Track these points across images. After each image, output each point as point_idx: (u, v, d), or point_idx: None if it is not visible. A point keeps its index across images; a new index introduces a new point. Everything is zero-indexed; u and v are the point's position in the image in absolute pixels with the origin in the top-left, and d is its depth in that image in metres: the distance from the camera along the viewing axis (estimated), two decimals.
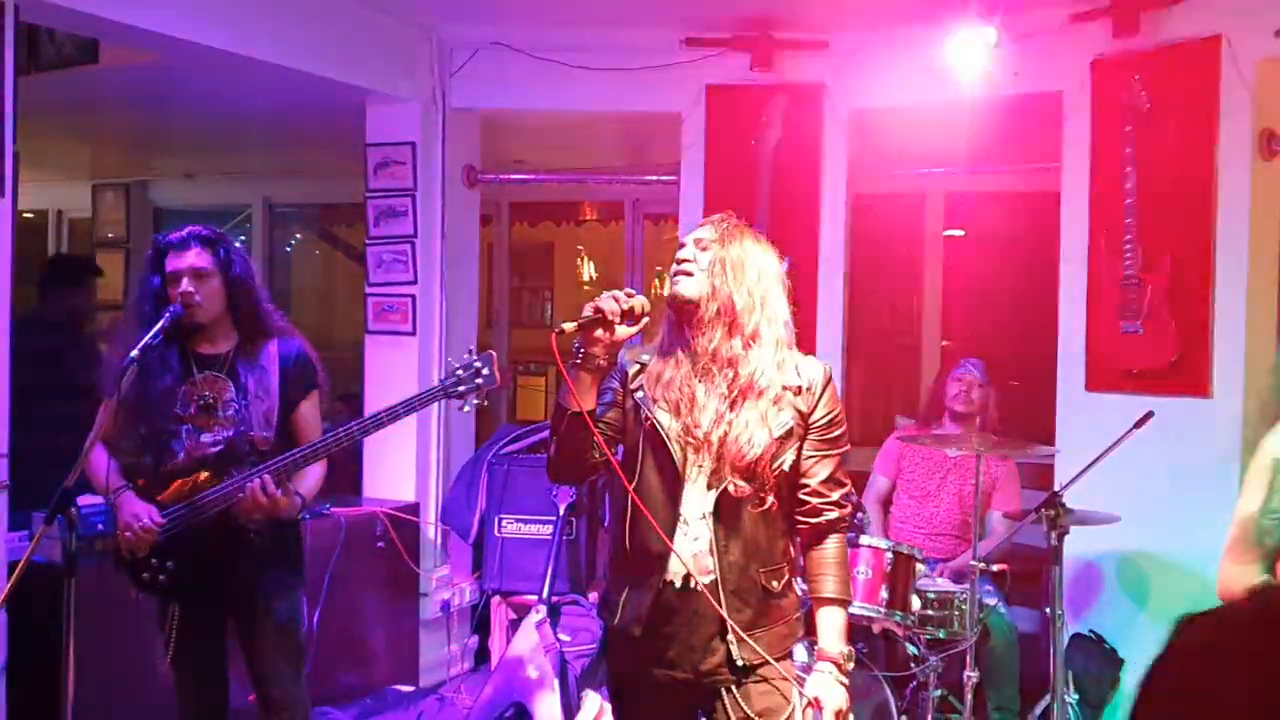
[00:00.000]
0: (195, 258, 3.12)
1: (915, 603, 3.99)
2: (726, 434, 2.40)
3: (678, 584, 2.43)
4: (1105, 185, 4.55)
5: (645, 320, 2.43)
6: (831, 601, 2.49)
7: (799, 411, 2.45)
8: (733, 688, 2.46)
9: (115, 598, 3.66)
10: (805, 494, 2.48)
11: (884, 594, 3.93)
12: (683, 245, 2.51)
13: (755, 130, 5.01)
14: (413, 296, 5.20)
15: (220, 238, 3.22)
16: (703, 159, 5.17)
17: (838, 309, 5.11)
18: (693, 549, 2.42)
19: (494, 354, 3.03)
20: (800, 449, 2.46)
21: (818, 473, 2.47)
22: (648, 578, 2.44)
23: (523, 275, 8.81)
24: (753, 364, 2.43)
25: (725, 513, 2.42)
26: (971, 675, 3.96)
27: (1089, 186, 4.63)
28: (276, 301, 3.47)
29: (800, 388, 2.45)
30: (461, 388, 2.97)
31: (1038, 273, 6.91)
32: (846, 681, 2.44)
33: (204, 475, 3.09)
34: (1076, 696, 4.10)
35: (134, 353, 2.92)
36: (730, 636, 2.41)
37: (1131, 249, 4.41)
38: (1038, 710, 4.12)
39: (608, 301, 2.38)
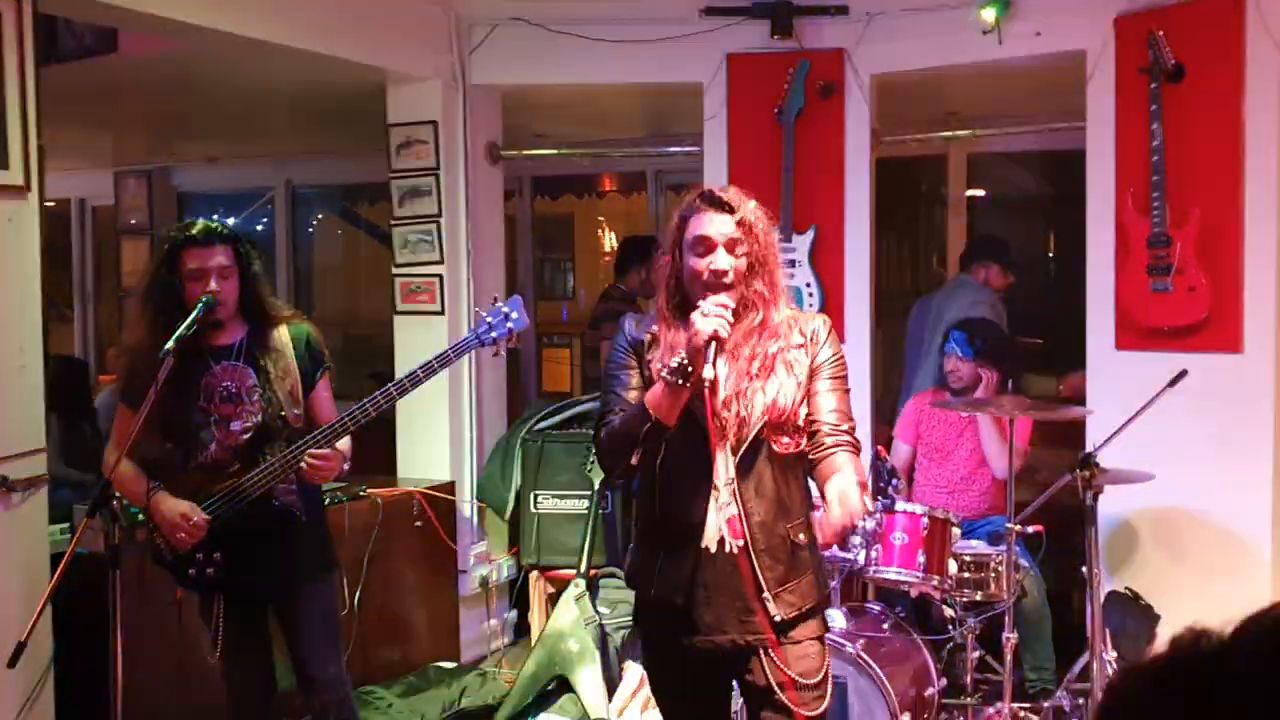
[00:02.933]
0: (222, 255, 3.17)
1: (952, 566, 4.01)
2: (750, 398, 2.47)
3: (713, 549, 2.48)
4: (1131, 143, 4.52)
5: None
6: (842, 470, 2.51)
7: (807, 364, 2.54)
8: (770, 649, 2.50)
9: (158, 588, 3.74)
10: (814, 429, 2.55)
11: (921, 559, 3.94)
12: (710, 246, 2.48)
13: (777, 98, 5.00)
14: (440, 276, 5.22)
15: (238, 235, 3.29)
16: (725, 128, 5.16)
17: (865, 274, 5.10)
18: (725, 514, 2.48)
19: (520, 297, 3.13)
20: (808, 392, 2.55)
21: (824, 405, 2.54)
22: (684, 546, 2.49)
23: (544, 248, 8.81)
24: (769, 331, 2.52)
25: (748, 474, 2.48)
26: (1010, 636, 3.99)
27: (1114, 145, 4.60)
28: (300, 283, 3.52)
29: (805, 342, 2.55)
30: (494, 334, 3.06)
31: (1063, 232, 6.93)
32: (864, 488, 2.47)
33: (235, 468, 3.15)
34: (1114, 654, 4.12)
35: (169, 344, 2.96)
36: (767, 594, 2.47)
37: (1159, 207, 4.39)
38: (1076, 668, 4.15)
39: (717, 323, 2.37)
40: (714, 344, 2.36)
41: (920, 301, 6.03)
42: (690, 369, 2.37)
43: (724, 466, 2.48)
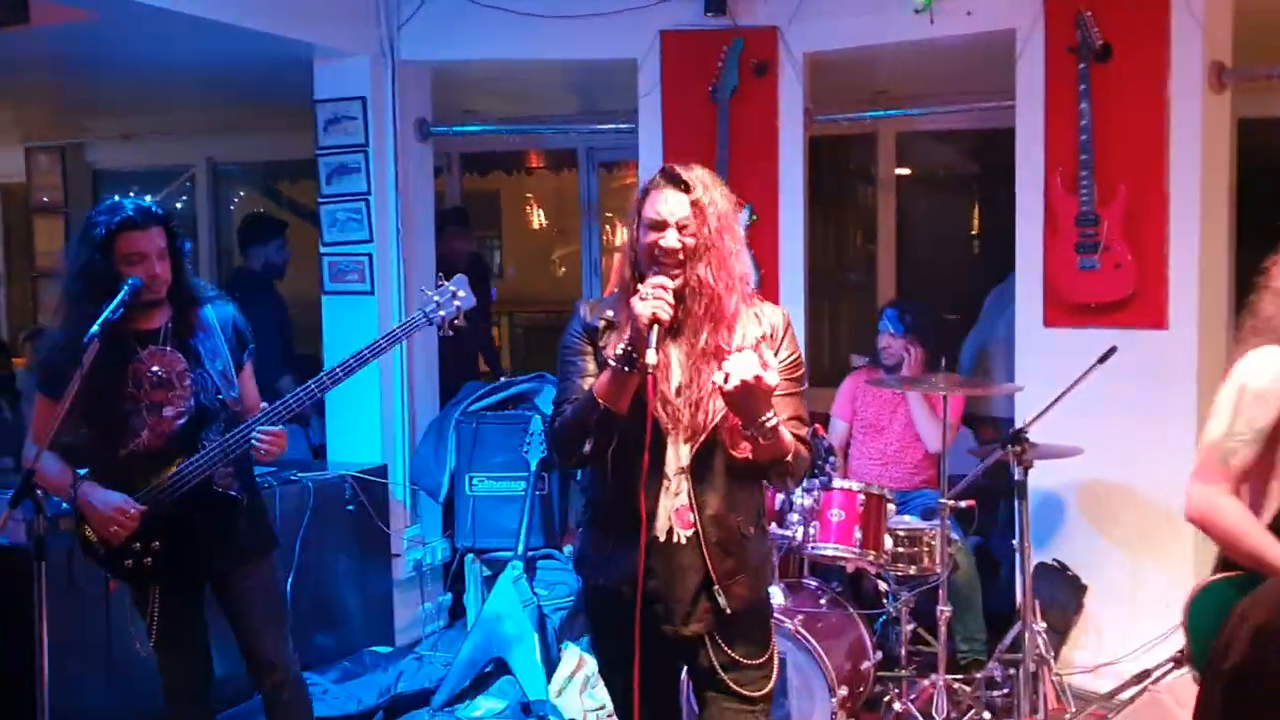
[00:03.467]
0: (157, 237, 3.07)
1: (887, 542, 4.06)
2: (706, 388, 2.42)
3: (661, 538, 2.45)
4: (1060, 122, 4.58)
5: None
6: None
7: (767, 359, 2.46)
8: (718, 635, 2.50)
9: (86, 580, 3.64)
10: None
11: (857, 534, 3.99)
12: (661, 224, 2.43)
13: (711, 76, 4.98)
14: (370, 255, 5.14)
15: (169, 214, 3.18)
16: (659, 105, 5.13)
17: (799, 253, 5.12)
18: (674, 504, 2.46)
19: (465, 277, 3.12)
20: None
21: (782, 411, 2.46)
22: (633, 535, 2.44)
23: (472, 225, 8.72)
24: (725, 320, 2.46)
25: (702, 466, 2.45)
26: (944, 609, 4.05)
27: (1044, 124, 4.66)
28: (223, 263, 3.44)
29: (765, 335, 2.49)
30: (441, 313, 3.07)
31: (991, 211, 7.02)
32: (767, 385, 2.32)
33: (174, 455, 3.07)
34: (1043, 624, 4.19)
35: (94, 330, 2.85)
36: (717, 587, 2.45)
37: (1087, 185, 4.46)
38: (1007, 639, 4.22)
39: (655, 305, 2.33)
40: (655, 327, 2.32)
41: (995, 290, 6.02)
42: (634, 354, 2.34)
43: (675, 456, 2.45)
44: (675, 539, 2.45)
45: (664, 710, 2.69)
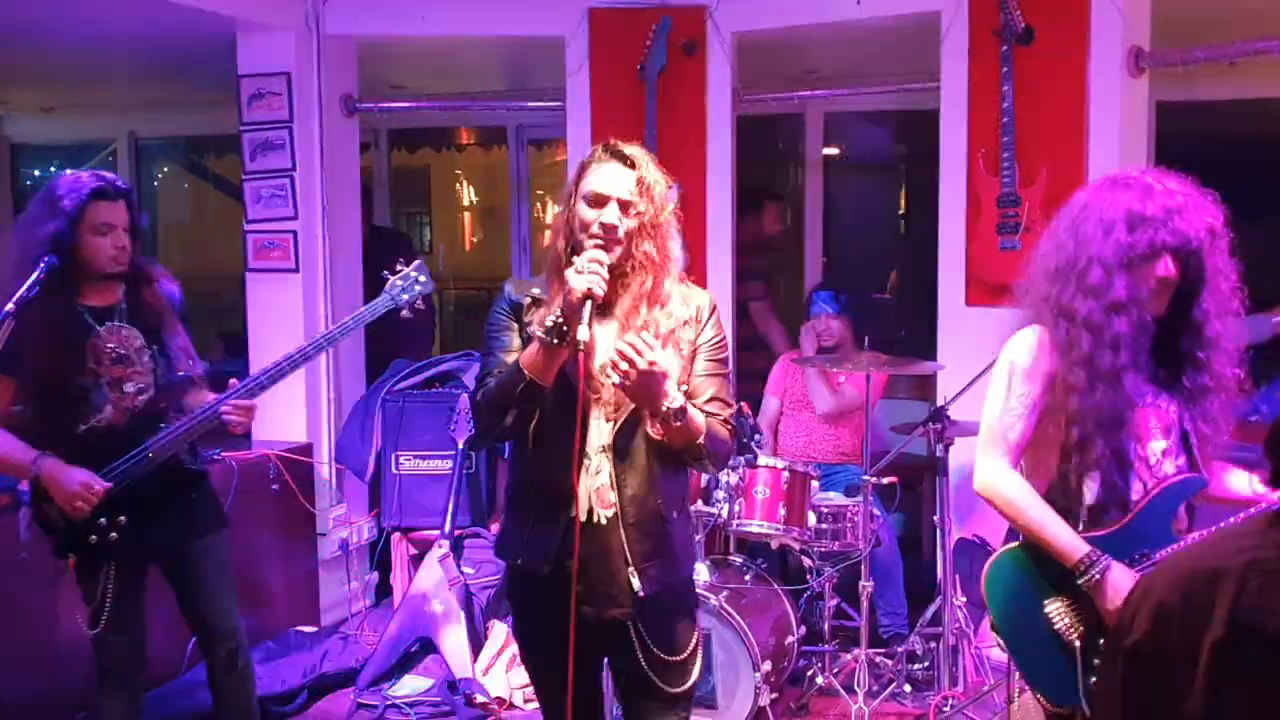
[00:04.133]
0: (123, 211, 3.10)
1: (811, 518, 4.11)
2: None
3: (583, 519, 2.40)
4: (983, 104, 4.64)
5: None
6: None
7: (690, 340, 2.48)
8: (638, 623, 2.46)
9: (2, 555, 3.58)
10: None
11: (782, 511, 4.04)
12: (603, 200, 2.39)
13: (639, 54, 4.98)
14: (294, 232, 5.07)
15: (130, 189, 3.21)
16: (588, 84, 5.12)
17: (727, 234, 5.15)
18: (594, 483, 2.42)
19: (422, 261, 3.23)
20: (689, 370, 2.48)
21: (704, 392, 2.47)
22: (553, 515, 2.42)
23: (400, 202, 8.63)
24: (659, 300, 2.44)
25: (622, 446, 2.42)
26: (866, 585, 4.11)
27: (967, 106, 4.72)
28: (146, 238, 3.42)
29: (690, 318, 2.48)
30: (404, 295, 3.16)
31: (917, 191, 7.11)
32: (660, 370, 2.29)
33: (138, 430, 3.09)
34: (963, 599, 4.28)
35: (10, 306, 2.85)
36: (632, 569, 2.42)
37: (1009, 167, 4.53)
38: (928, 613, 4.30)
39: (591, 280, 2.30)
40: (589, 302, 2.29)
41: None
42: (565, 328, 2.31)
43: (597, 434, 2.42)
44: (596, 519, 2.42)
45: (585, 695, 2.61)
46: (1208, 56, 4.52)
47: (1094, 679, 2.40)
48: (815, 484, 4.14)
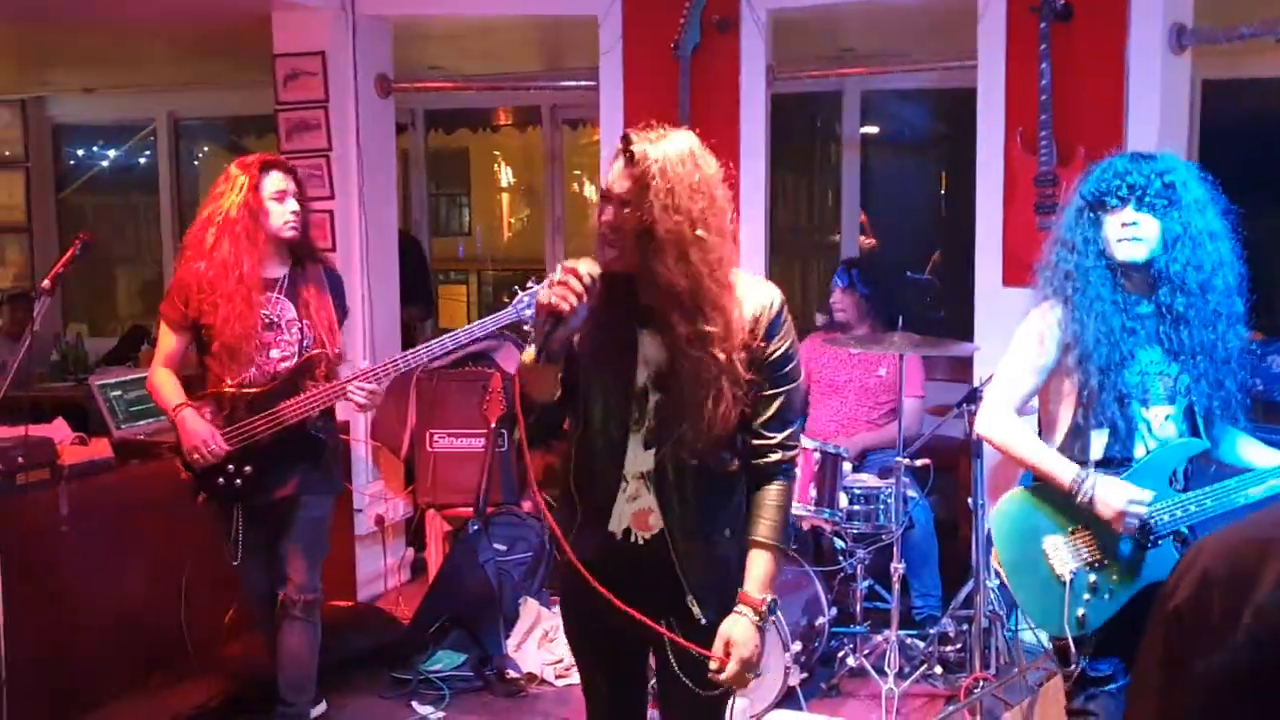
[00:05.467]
0: (295, 182, 3.48)
1: (843, 499, 4.10)
2: (672, 390, 2.18)
3: (619, 536, 2.27)
4: (1020, 82, 4.59)
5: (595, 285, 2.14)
6: (762, 545, 2.27)
7: (748, 350, 2.18)
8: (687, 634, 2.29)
9: (43, 533, 3.65)
10: (749, 434, 2.26)
11: (813, 492, 4.03)
12: (604, 196, 2.17)
13: (673, 32, 4.95)
14: (330, 212, 5.10)
15: (294, 166, 3.58)
16: (621, 62, 5.10)
17: (761, 213, 5.11)
18: (631, 508, 2.26)
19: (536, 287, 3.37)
20: (749, 382, 2.20)
21: (762, 412, 2.24)
22: (592, 527, 2.29)
23: (438, 183, 8.67)
24: (702, 302, 2.13)
25: (664, 472, 2.22)
26: (898, 566, 4.10)
27: (1004, 84, 4.67)
28: (185, 219, 3.60)
29: (751, 319, 2.19)
30: (528, 311, 3.33)
31: (956, 171, 7.03)
32: (763, 629, 2.24)
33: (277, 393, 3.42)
34: (997, 581, 4.25)
35: (45, 283, 3.19)
36: (690, 597, 2.24)
37: (1047, 145, 4.48)
38: (961, 595, 4.28)
39: (560, 293, 2.09)
40: (553, 320, 2.10)
41: None
42: (545, 347, 2.13)
43: (634, 457, 2.23)
44: (634, 540, 2.26)
45: (628, 679, 2.49)
46: (1253, 33, 4.44)
47: (1080, 611, 2.74)
48: (847, 466, 4.13)
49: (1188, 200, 2.78)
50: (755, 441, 2.26)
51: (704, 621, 2.25)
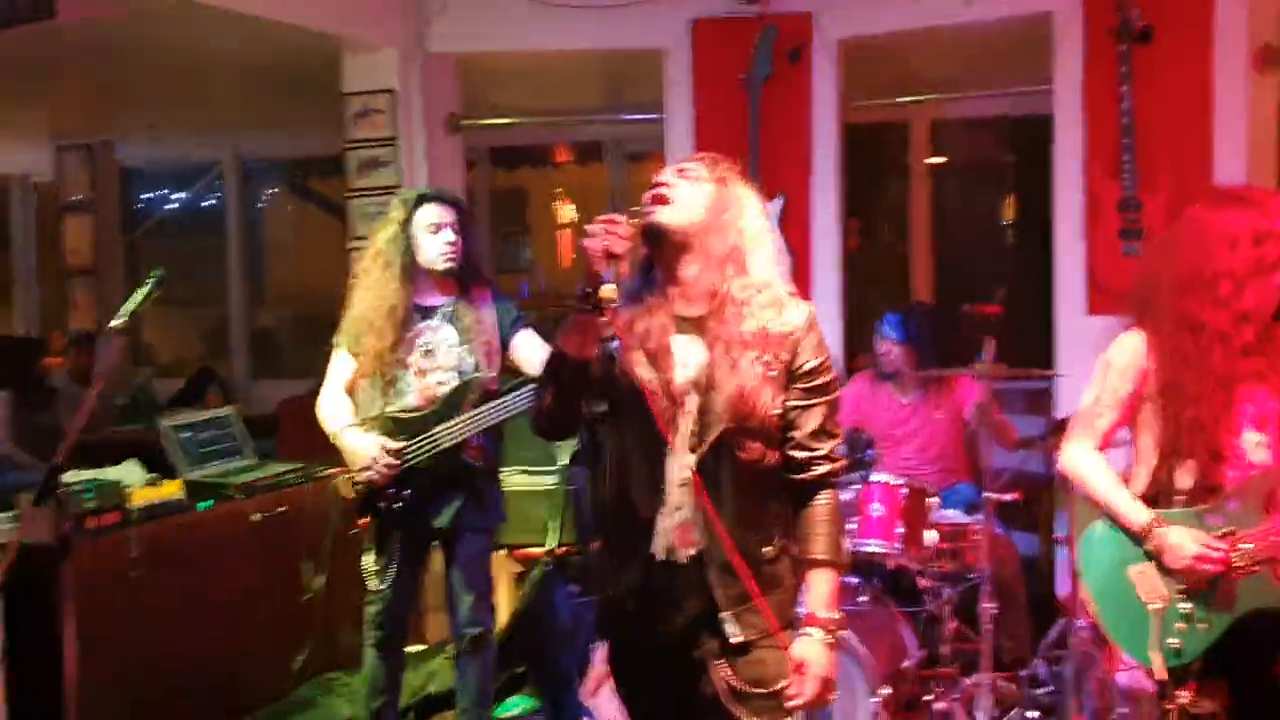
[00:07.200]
0: (449, 213, 3.48)
1: (929, 537, 3.97)
2: (713, 388, 2.19)
3: (660, 556, 2.22)
4: (1100, 106, 4.50)
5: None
6: (821, 563, 2.26)
7: (783, 360, 2.23)
8: (721, 659, 2.26)
9: (113, 576, 3.61)
10: (791, 448, 2.26)
11: (899, 530, 3.91)
12: (660, 174, 2.28)
13: (743, 64, 4.91)
14: None
15: (460, 200, 3.65)
16: (689, 95, 5.07)
17: (834, 243, 5.04)
18: (675, 519, 2.21)
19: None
20: (785, 400, 2.25)
21: (805, 424, 2.25)
22: (633, 551, 2.25)
23: (500, 221, 8.68)
24: (739, 306, 2.22)
25: (707, 478, 2.20)
26: (989, 607, 3.95)
27: (1082, 108, 4.58)
28: (252, 260, 3.59)
29: (784, 334, 2.24)
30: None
31: (1027, 198, 6.91)
32: (834, 646, 2.24)
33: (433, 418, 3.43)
34: (1089, 620, 4.10)
35: (116, 322, 2.94)
36: (724, 614, 2.20)
37: (1129, 170, 4.38)
38: (1051, 635, 4.13)
39: (608, 237, 2.12)
40: (613, 261, 2.12)
41: None
42: (592, 293, 2.14)
43: (676, 468, 2.21)
44: (675, 559, 2.21)
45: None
46: None
47: (1175, 641, 2.62)
48: (933, 501, 4.00)
49: None
50: (800, 454, 2.27)
51: (735, 641, 2.23)
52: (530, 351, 3.54)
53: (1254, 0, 4.24)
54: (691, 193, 2.25)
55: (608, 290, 2.12)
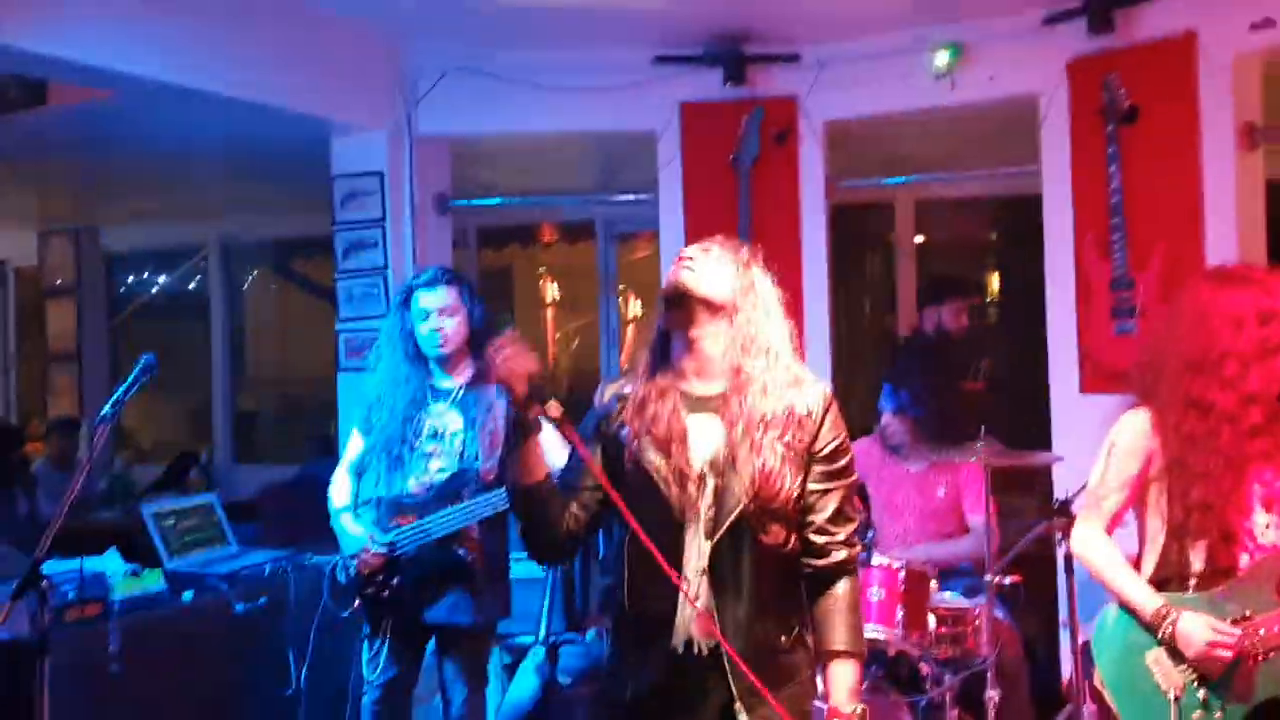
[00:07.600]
0: (447, 295, 3.46)
1: (930, 621, 3.89)
2: (733, 469, 2.16)
3: (681, 650, 2.17)
4: (1088, 186, 4.52)
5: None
6: (842, 655, 2.22)
7: (803, 441, 2.21)
8: None
9: (92, 670, 3.50)
10: (811, 532, 2.23)
11: (899, 614, 3.82)
12: (685, 250, 2.30)
13: (731, 145, 4.93)
14: None
15: (462, 277, 3.61)
16: (679, 176, 5.09)
17: (824, 321, 5.03)
18: (692, 612, 2.16)
19: None
20: (804, 482, 2.21)
21: (823, 508, 2.21)
22: (651, 645, 2.19)
23: (486, 299, 8.65)
24: (758, 387, 2.19)
25: (723, 565, 2.16)
26: (993, 694, 3.85)
27: (1071, 188, 4.60)
28: (234, 341, 3.60)
29: (801, 416, 2.21)
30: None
31: (1011, 277, 6.93)
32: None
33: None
34: (1094, 706, 4.00)
35: (106, 411, 2.89)
36: (738, 704, 2.15)
37: (1120, 249, 4.38)
38: None
39: (519, 358, 2.14)
40: (530, 377, 2.12)
41: None
42: (539, 415, 2.14)
43: (695, 553, 2.15)
44: (696, 650, 2.17)
45: None
46: None
47: None
48: (934, 584, 3.92)
49: None
50: (819, 539, 2.23)
51: None
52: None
53: (1238, 79, 4.27)
54: (717, 268, 2.24)
55: (554, 408, 2.12)
